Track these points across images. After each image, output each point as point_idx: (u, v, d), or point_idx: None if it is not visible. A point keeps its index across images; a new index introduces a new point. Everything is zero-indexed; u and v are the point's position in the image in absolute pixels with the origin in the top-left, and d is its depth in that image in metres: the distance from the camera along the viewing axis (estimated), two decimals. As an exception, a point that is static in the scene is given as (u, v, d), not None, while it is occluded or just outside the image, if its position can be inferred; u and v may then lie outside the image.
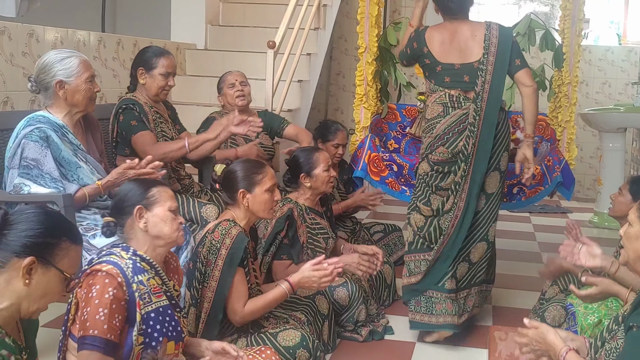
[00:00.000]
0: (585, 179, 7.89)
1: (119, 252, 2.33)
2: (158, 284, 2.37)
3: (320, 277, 2.89)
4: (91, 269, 2.25)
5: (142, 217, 2.38)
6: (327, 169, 3.67)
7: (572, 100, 4.40)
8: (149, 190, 2.42)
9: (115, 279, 2.21)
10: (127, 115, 3.61)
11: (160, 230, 2.40)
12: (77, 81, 3.04)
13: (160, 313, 2.33)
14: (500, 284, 4.55)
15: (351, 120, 7.45)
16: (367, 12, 4.58)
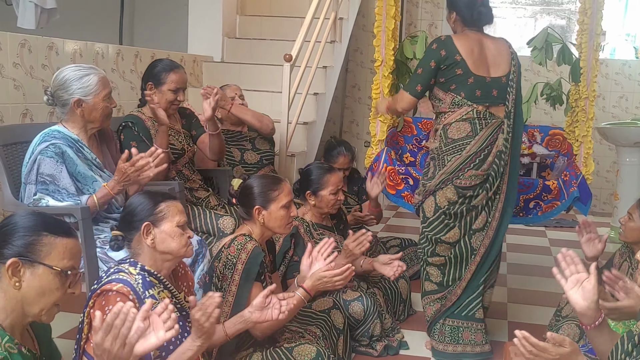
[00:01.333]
0: (601, 193, 7.84)
1: (127, 269, 2.33)
2: (167, 297, 2.37)
3: (332, 277, 2.87)
4: (101, 289, 2.24)
5: (150, 233, 2.39)
6: (335, 192, 3.66)
7: (589, 114, 4.38)
8: (157, 205, 2.42)
9: (126, 297, 2.20)
10: (127, 135, 3.63)
11: (168, 247, 2.40)
12: (95, 100, 3.05)
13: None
14: (516, 299, 4.53)
15: (367, 133, 7.46)
16: (383, 26, 4.59)
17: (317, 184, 3.67)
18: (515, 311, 4.30)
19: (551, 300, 4.09)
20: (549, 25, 5.35)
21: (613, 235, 6.44)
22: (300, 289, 2.89)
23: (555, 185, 4.34)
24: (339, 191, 3.70)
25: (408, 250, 4.64)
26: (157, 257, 2.40)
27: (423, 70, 3.53)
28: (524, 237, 6.37)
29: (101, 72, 3.14)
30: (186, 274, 2.59)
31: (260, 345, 2.94)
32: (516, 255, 5.71)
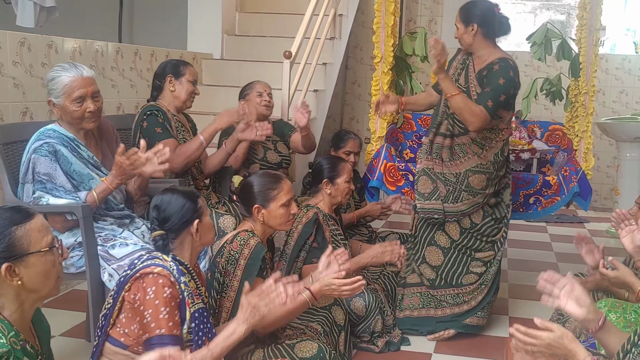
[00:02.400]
0: (602, 188, 7.84)
1: (161, 256, 2.40)
2: (194, 287, 2.45)
3: (340, 286, 2.88)
4: (140, 272, 2.31)
5: (197, 231, 2.49)
6: (348, 180, 3.74)
7: (589, 110, 4.38)
8: (197, 202, 2.52)
9: (167, 279, 2.30)
10: (151, 122, 3.67)
11: (207, 238, 2.57)
12: (64, 102, 2.98)
13: (200, 314, 2.40)
14: (517, 294, 4.54)
15: (367, 129, 7.46)
16: (383, 22, 4.59)
17: (334, 171, 3.74)
18: (517, 307, 4.31)
19: (552, 295, 4.08)
20: (549, 21, 5.35)
21: (613, 230, 6.44)
22: (306, 291, 2.89)
23: (555, 180, 4.35)
24: (351, 181, 3.78)
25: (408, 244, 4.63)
26: (194, 249, 2.53)
27: (505, 98, 3.57)
28: (524, 233, 6.38)
29: (77, 73, 3.01)
30: (200, 273, 2.65)
31: (261, 342, 2.94)
32: (517, 251, 5.72)
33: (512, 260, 5.41)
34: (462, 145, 3.72)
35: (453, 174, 3.72)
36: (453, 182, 3.71)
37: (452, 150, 3.73)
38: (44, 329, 2.14)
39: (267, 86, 4.54)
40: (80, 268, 2.95)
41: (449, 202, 3.72)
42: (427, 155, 3.79)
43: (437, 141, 3.76)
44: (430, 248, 3.79)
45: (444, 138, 3.74)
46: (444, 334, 3.76)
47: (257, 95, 4.46)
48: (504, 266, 5.18)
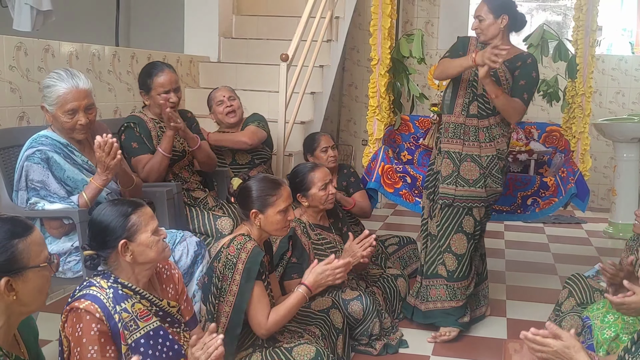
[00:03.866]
0: (599, 189, 7.84)
1: (99, 282, 2.29)
2: (146, 307, 2.34)
3: (334, 269, 2.88)
4: (70, 305, 2.22)
5: (127, 250, 2.31)
6: (323, 187, 3.66)
7: (586, 111, 4.39)
8: (128, 219, 2.32)
9: (93, 315, 2.19)
10: (128, 136, 3.64)
11: (147, 257, 2.34)
12: (56, 112, 2.98)
13: (150, 337, 2.31)
14: (514, 295, 4.54)
15: (364, 131, 7.46)
16: (379, 24, 4.60)
17: (304, 184, 3.67)
18: (515, 308, 4.31)
19: (550, 296, 4.09)
20: (545, 22, 5.37)
21: (611, 231, 6.46)
22: (301, 285, 2.90)
23: (552, 181, 4.35)
24: (328, 185, 3.69)
25: (407, 248, 4.64)
26: (136, 269, 2.35)
27: (534, 91, 3.82)
28: (522, 234, 6.38)
29: (74, 84, 3.00)
30: (172, 276, 2.54)
31: (259, 346, 2.94)
32: (514, 252, 5.71)
33: (510, 261, 5.41)
34: (491, 127, 3.76)
35: (487, 157, 3.74)
36: (483, 166, 3.74)
37: (489, 130, 3.75)
38: (30, 332, 2.10)
39: (226, 90, 4.49)
40: (77, 273, 2.95)
41: (476, 187, 3.73)
42: (455, 139, 3.76)
43: (471, 122, 3.75)
44: (457, 235, 3.79)
45: (478, 119, 3.75)
46: (446, 335, 3.75)
47: (218, 104, 4.44)
48: (502, 267, 5.19)
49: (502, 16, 3.68)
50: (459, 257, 3.79)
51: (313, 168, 3.73)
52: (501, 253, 5.62)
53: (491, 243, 5.52)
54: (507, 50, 3.50)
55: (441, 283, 3.82)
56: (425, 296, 3.85)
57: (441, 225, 3.81)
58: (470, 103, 3.75)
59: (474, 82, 3.74)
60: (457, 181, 3.72)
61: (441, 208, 3.80)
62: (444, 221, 3.80)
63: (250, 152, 4.44)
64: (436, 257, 3.83)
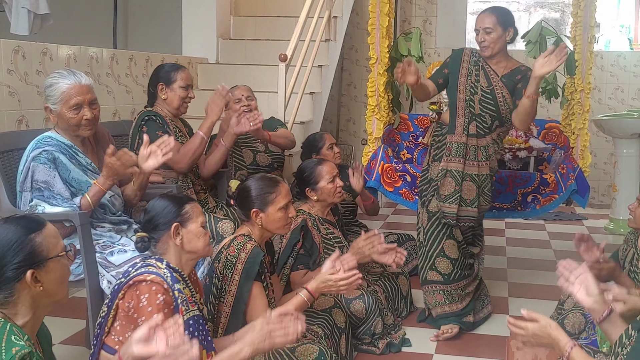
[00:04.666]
0: (599, 185, 7.85)
1: (155, 263, 2.40)
2: (190, 295, 2.45)
3: (337, 281, 2.87)
4: (133, 280, 2.32)
5: (179, 234, 2.47)
6: (331, 180, 3.68)
7: (585, 107, 4.39)
8: (182, 207, 2.50)
9: (161, 286, 2.31)
10: (151, 127, 3.67)
11: (195, 246, 2.50)
12: (61, 109, 2.99)
13: (195, 321, 2.40)
14: (516, 293, 4.54)
15: (363, 130, 7.46)
16: (377, 24, 4.60)
17: (312, 177, 3.69)
18: (517, 305, 4.29)
19: (553, 293, 4.09)
20: (543, 19, 5.36)
21: (612, 227, 6.45)
22: (304, 290, 2.89)
23: (552, 178, 4.35)
24: (335, 178, 3.70)
25: (406, 244, 4.64)
26: (182, 256, 2.49)
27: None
28: (523, 231, 6.37)
29: (76, 80, 3.02)
30: (197, 280, 2.65)
31: (262, 346, 2.93)
32: (516, 250, 5.71)
33: (511, 258, 5.41)
34: (488, 145, 3.77)
35: (482, 176, 3.75)
36: (479, 185, 3.75)
37: (486, 149, 3.76)
38: (45, 336, 2.16)
39: (245, 89, 4.50)
40: (79, 275, 2.94)
41: (472, 207, 3.75)
42: (458, 158, 3.75)
43: (471, 142, 3.76)
44: (449, 241, 3.80)
45: (477, 139, 3.75)
46: (448, 332, 3.75)
47: (235, 102, 4.45)
48: (503, 265, 5.18)
49: (509, 29, 3.68)
50: (453, 261, 3.80)
51: (320, 162, 3.77)
52: (502, 250, 5.62)
53: (492, 241, 5.52)
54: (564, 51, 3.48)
55: (436, 289, 3.83)
56: (427, 304, 3.89)
57: (431, 232, 3.83)
58: (470, 123, 3.76)
59: (471, 102, 3.74)
60: (459, 201, 3.72)
61: (429, 214, 3.83)
62: (433, 227, 3.82)
63: (273, 155, 4.46)
64: (425, 264, 3.85)
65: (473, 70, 3.76)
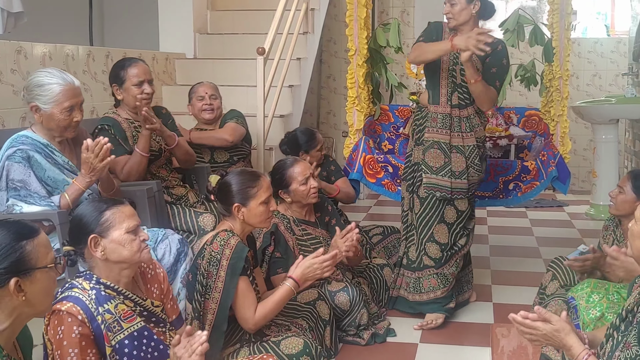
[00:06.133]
0: (580, 171, 7.90)
1: (81, 283, 2.27)
2: (129, 307, 2.32)
3: (322, 263, 2.87)
4: (53, 307, 2.18)
5: (99, 245, 2.28)
6: (304, 182, 3.60)
7: (563, 94, 4.41)
8: (101, 214, 2.31)
9: (76, 317, 2.17)
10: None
11: (120, 255, 2.30)
12: (53, 110, 2.97)
13: (135, 338, 2.29)
14: (500, 280, 4.56)
15: (344, 123, 7.45)
16: (355, 15, 4.58)
17: (283, 180, 3.62)
18: (500, 292, 4.32)
19: (535, 280, 4.11)
20: (520, 7, 5.38)
21: (593, 212, 6.50)
22: (289, 279, 2.88)
23: (533, 165, 4.37)
24: (309, 179, 3.62)
25: (391, 237, 4.63)
26: (112, 267, 2.31)
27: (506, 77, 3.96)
28: (505, 219, 6.41)
29: (70, 83, 3.02)
30: (156, 275, 2.50)
31: (247, 340, 2.93)
32: (498, 237, 5.74)
33: (494, 246, 5.43)
34: (470, 116, 3.77)
35: (468, 147, 3.75)
36: (466, 156, 3.74)
37: (469, 120, 3.76)
38: (26, 339, 2.10)
39: (210, 87, 4.46)
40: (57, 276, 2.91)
41: (461, 179, 3.73)
42: (444, 130, 3.74)
43: (454, 113, 3.75)
44: (440, 226, 3.80)
45: (459, 109, 3.75)
46: (432, 322, 3.76)
47: (198, 99, 4.42)
48: (486, 253, 5.21)
49: (475, 1, 3.67)
50: (442, 246, 3.80)
51: (292, 163, 3.67)
52: (485, 238, 5.64)
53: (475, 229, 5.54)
54: (489, 34, 3.49)
55: (430, 273, 3.83)
56: (418, 288, 3.85)
57: (423, 216, 3.81)
58: (452, 93, 3.75)
59: (454, 72, 3.73)
60: (451, 173, 3.71)
61: (421, 199, 3.81)
62: (426, 212, 3.80)
63: (229, 149, 4.41)
64: (420, 249, 3.84)
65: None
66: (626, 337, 2.03)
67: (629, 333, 2.02)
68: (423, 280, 3.84)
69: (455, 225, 3.83)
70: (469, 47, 3.44)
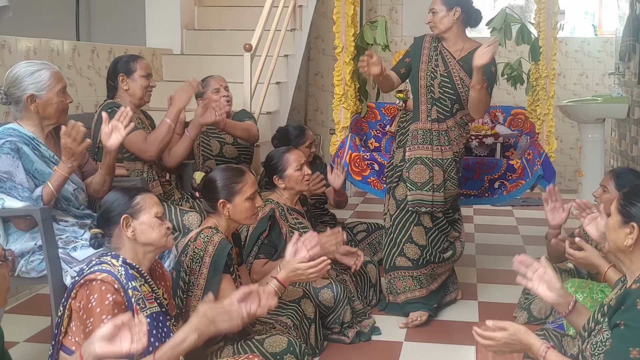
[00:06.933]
0: (566, 170, 7.93)
1: (110, 261, 2.34)
2: (149, 291, 2.39)
3: (307, 269, 2.87)
4: (84, 279, 2.26)
5: (130, 225, 2.40)
6: (299, 168, 3.68)
7: (550, 93, 4.42)
8: (133, 198, 2.44)
9: (111, 285, 2.24)
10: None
11: (149, 237, 2.42)
12: (49, 94, 2.99)
13: (154, 319, 2.35)
14: (485, 279, 4.57)
15: (331, 120, 7.44)
16: (343, 12, 4.58)
17: (279, 165, 3.69)
18: (485, 291, 4.33)
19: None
20: (508, 6, 5.38)
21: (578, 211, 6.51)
22: (273, 280, 2.87)
23: (519, 164, 4.38)
24: (303, 166, 3.71)
25: (375, 234, 4.64)
26: (138, 249, 2.42)
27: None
28: (490, 217, 6.42)
29: (54, 67, 3.07)
30: (163, 273, 2.60)
31: (230, 339, 2.91)
32: (484, 236, 5.75)
33: (480, 245, 5.44)
34: (449, 129, 3.78)
35: (446, 160, 3.76)
36: (444, 169, 3.76)
37: (447, 134, 3.77)
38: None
39: (222, 80, 4.43)
40: (41, 272, 2.89)
41: (440, 192, 3.74)
42: (425, 145, 3.76)
43: (434, 127, 3.77)
44: (417, 228, 3.81)
45: (438, 123, 3.77)
46: (416, 319, 3.76)
47: (214, 92, 4.37)
48: (472, 251, 5.21)
49: (455, 8, 3.69)
50: (421, 247, 3.81)
51: (288, 150, 3.77)
52: (471, 237, 5.65)
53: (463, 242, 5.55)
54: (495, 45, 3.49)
55: (405, 274, 3.84)
56: (394, 289, 3.88)
57: (398, 218, 3.84)
58: (431, 108, 3.77)
59: (432, 87, 3.76)
60: (432, 186, 3.73)
61: (397, 202, 3.83)
62: (401, 214, 3.83)
63: (240, 147, 4.40)
64: (393, 250, 3.85)
65: (433, 55, 3.78)
66: (600, 325, 2.11)
67: (603, 321, 2.08)
68: (396, 281, 3.85)
69: (434, 229, 3.84)
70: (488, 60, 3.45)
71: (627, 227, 2.08)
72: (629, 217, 2.08)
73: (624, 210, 2.10)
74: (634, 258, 2.10)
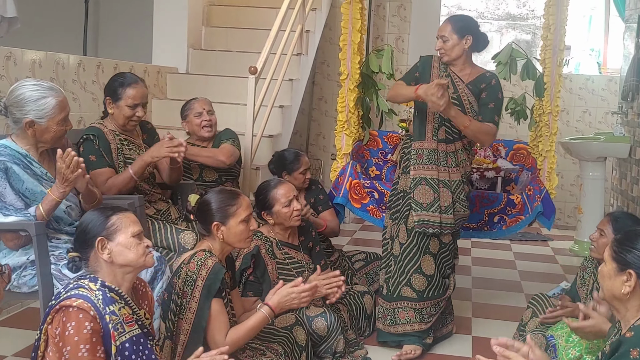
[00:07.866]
0: (566, 206, 7.91)
1: (87, 284, 2.29)
2: (129, 313, 2.35)
3: (300, 293, 2.84)
4: (60, 304, 2.21)
5: (105, 248, 2.35)
6: (287, 204, 3.59)
7: (552, 129, 4.41)
8: (108, 219, 2.38)
9: (88, 313, 2.19)
10: (86, 148, 3.53)
11: (126, 258, 2.36)
12: (49, 123, 2.95)
13: (134, 342, 2.30)
14: (480, 313, 4.53)
15: (333, 145, 7.44)
16: (349, 39, 4.59)
17: (267, 201, 3.61)
18: (480, 326, 4.29)
19: (516, 314, 4.09)
20: (514, 40, 5.41)
21: (577, 249, 6.50)
22: (264, 306, 2.84)
23: (519, 199, 4.36)
24: (293, 201, 3.61)
25: (373, 264, 4.60)
26: (116, 271, 2.37)
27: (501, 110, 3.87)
28: (488, 251, 6.39)
29: (60, 93, 3.02)
30: (146, 292, 2.55)
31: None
32: (481, 269, 5.72)
33: (476, 278, 5.41)
34: (457, 151, 3.78)
35: (454, 182, 3.75)
36: (452, 190, 3.74)
37: (455, 155, 3.76)
38: None
39: (206, 103, 4.40)
40: (33, 287, 2.86)
41: (448, 214, 3.72)
42: (430, 165, 3.74)
43: (441, 148, 3.75)
44: (426, 257, 3.77)
45: (446, 144, 3.76)
46: (411, 353, 3.72)
47: (196, 115, 4.35)
48: (468, 284, 5.18)
49: (467, 37, 3.70)
50: (428, 278, 3.77)
51: (276, 185, 3.66)
52: (468, 270, 5.62)
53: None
54: (447, 83, 3.52)
55: (408, 305, 3.78)
56: (394, 319, 3.81)
57: (409, 248, 3.78)
58: (439, 128, 3.76)
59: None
60: (439, 208, 3.70)
61: (408, 230, 3.78)
62: (413, 243, 3.77)
63: (219, 170, 4.36)
64: (400, 279, 3.80)
65: (442, 76, 3.78)
66: None
67: None
68: (399, 311, 3.80)
69: (439, 256, 3.80)
70: (429, 98, 3.48)
71: (623, 275, 2.06)
72: (625, 265, 2.06)
73: (619, 257, 2.08)
74: (629, 305, 2.07)
